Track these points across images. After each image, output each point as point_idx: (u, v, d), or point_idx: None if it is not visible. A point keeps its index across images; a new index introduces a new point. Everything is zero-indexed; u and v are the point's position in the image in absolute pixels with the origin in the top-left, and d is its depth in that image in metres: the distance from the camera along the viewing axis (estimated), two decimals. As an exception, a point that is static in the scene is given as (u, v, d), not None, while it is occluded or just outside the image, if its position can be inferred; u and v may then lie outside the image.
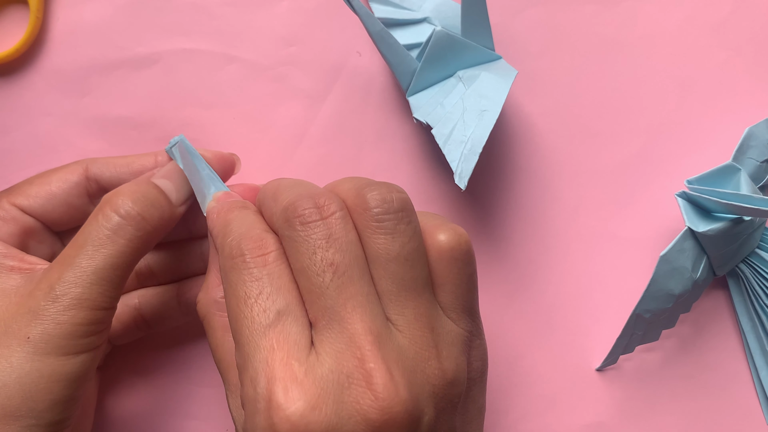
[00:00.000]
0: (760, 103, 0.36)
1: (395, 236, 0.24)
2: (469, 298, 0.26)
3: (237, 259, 0.24)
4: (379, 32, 0.30)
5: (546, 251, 0.36)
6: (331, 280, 0.23)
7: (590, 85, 0.36)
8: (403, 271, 0.24)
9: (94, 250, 0.26)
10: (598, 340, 0.35)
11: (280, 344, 0.23)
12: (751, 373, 0.35)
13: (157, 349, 0.35)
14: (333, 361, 0.23)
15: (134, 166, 0.30)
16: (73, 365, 0.25)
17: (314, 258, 0.23)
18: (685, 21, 0.36)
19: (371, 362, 0.22)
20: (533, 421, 0.35)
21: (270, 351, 0.23)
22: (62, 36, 0.35)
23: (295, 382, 0.22)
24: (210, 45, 0.36)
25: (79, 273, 0.26)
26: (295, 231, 0.24)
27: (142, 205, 0.27)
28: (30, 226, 0.29)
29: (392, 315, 0.24)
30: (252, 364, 0.23)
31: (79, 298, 0.25)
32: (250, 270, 0.24)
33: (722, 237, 0.32)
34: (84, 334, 0.26)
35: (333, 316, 0.23)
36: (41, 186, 0.30)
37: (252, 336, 0.23)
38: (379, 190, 0.25)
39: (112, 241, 0.26)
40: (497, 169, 0.36)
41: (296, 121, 0.36)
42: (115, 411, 0.34)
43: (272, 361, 0.22)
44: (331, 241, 0.24)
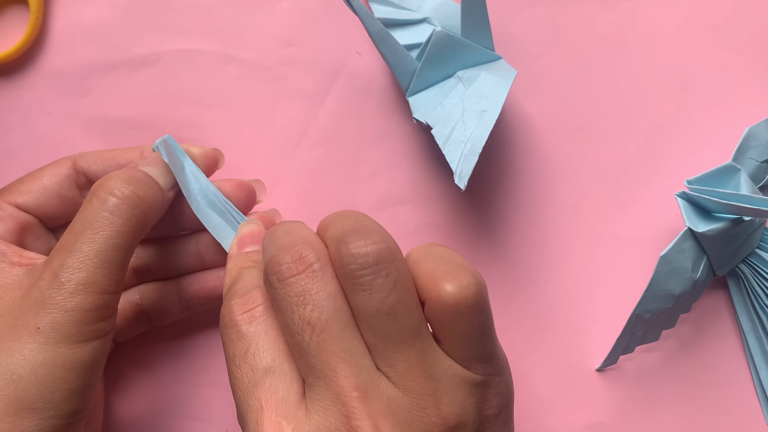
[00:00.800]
0: (760, 103, 0.36)
1: (372, 292, 0.23)
2: (482, 345, 0.25)
3: (226, 317, 0.25)
4: (379, 32, 0.30)
5: (546, 251, 0.36)
6: (311, 338, 0.23)
7: (590, 85, 0.36)
8: (385, 325, 0.23)
9: (94, 233, 0.26)
10: (598, 340, 0.35)
11: (268, 402, 0.23)
12: (751, 373, 0.35)
13: (157, 349, 0.35)
14: (320, 417, 0.23)
15: (120, 159, 0.31)
16: (85, 352, 0.25)
17: (293, 317, 0.23)
18: (685, 21, 0.36)
19: (357, 420, 0.22)
20: (533, 421, 0.35)
21: (259, 410, 0.23)
22: (62, 36, 0.35)
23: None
24: (210, 45, 0.36)
25: (81, 257, 0.25)
26: (274, 288, 0.24)
27: (135, 185, 0.27)
28: (26, 223, 0.30)
29: (383, 368, 0.23)
30: (246, 424, 0.23)
31: (84, 282, 0.25)
32: (239, 327, 0.24)
33: (722, 237, 0.32)
34: (93, 319, 0.25)
35: (317, 374, 0.23)
36: (33, 182, 0.30)
37: (243, 396, 0.24)
38: (355, 243, 0.24)
39: (111, 222, 0.26)
40: (497, 169, 0.36)
41: (296, 121, 0.36)
42: (115, 411, 0.34)
43: (261, 420, 0.23)
44: (308, 297, 0.23)
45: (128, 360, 0.35)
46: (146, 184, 0.28)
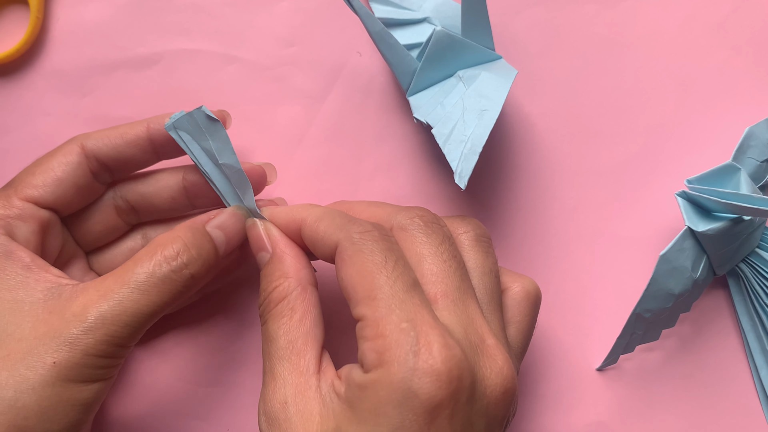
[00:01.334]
0: (760, 103, 0.36)
1: (488, 255, 0.28)
2: (527, 342, 0.30)
3: (370, 233, 0.26)
4: (380, 32, 0.31)
5: (546, 251, 0.36)
6: (457, 268, 0.26)
7: (590, 85, 0.36)
8: (493, 284, 0.28)
9: (140, 294, 0.26)
10: (598, 340, 0.35)
11: (424, 304, 0.25)
12: (751, 372, 0.35)
13: (157, 348, 0.35)
14: (462, 331, 0.25)
15: (128, 136, 0.30)
16: (90, 392, 0.26)
17: (442, 247, 0.26)
18: (685, 21, 0.36)
19: (491, 339, 0.25)
20: (533, 421, 0.35)
21: (419, 306, 0.24)
22: (62, 36, 0.35)
23: (445, 337, 0.24)
24: (210, 45, 0.36)
25: (118, 311, 0.26)
26: (421, 226, 0.27)
27: (197, 265, 0.28)
28: (46, 221, 0.29)
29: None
30: (402, 314, 0.24)
31: (111, 335, 0.26)
32: (385, 241, 0.26)
33: (722, 236, 0.32)
34: (105, 365, 0.26)
35: (458, 295, 0.26)
36: (45, 174, 0.29)
37: (397, 293, 0.24)
38: (473, 220, 0.29)
39: (159, 291, 0.27)
40: (497, 169, 0.36)
41: (296, 121, 0.36)
42: (115, 410, 0.34)
43: (422, 314, 0.24)
44: (450, 241, 0.27)
45: (129, 359, 0.35)
46: (206, 262, 0.28)
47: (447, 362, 0.23)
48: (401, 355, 0.23)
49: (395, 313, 0.24)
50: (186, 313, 0.35)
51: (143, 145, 0.30)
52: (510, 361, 0.25)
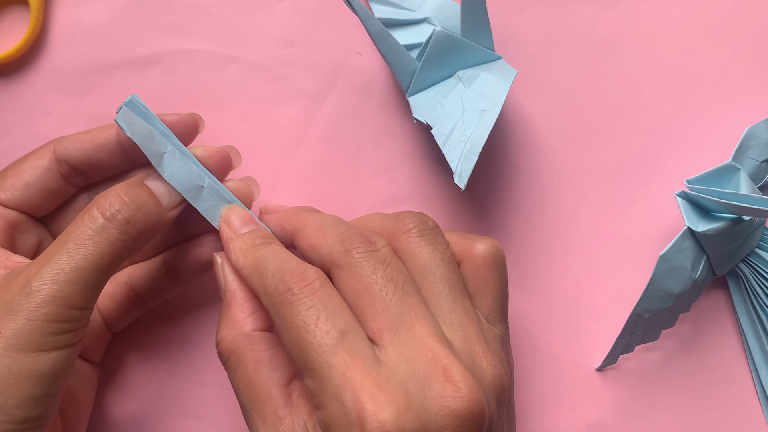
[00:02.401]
0: (760, 103, 0.36)
1: (436, 246, 0.27)
2: (505, 303, 0.29)
3: (284, 294, 0.25)
4: (379, 32, 0.31)
5: (546, 251, 0.36)
6: (393, 293, 0.25)
7: (590, 85, 0.36)
8: (449, 272, 0.27)
9: (75, 248, 0.26)
10: (598, 340, 0.35)
11: (353, 358, 0.24)
12: (751, 373, 0.35)
13: (156, 348, 0.35)
14: (408, 365, 0.24)
15: (98, 140, 0.30)
16: (45, 362, 0.25)
17: (376, 276, 0.26)
18: (685, 21, 0.36)
19: (444, 359, 0.24)
20: (533, 421, 0.35)
21: (346, 366, 0.23)
22: (62, 36, 0.35)
23: (380, 389, 0.23)
24: (210, 45, 0.36)
25: (56, 270, 0.26)
26: (353, 258, 0.26)
27: (129, 210, 0.27)
28: (13, 220, 0.30)
29: (445, 316, 0.26)
30: (331, 382, 0.23)
31: (54, 295, 0.25)
32: (302, 300, 0.25)
33: (722, 237, 0.32)
34: (56, 331, 0.25)
35: (400, 324, 0.25)
36: (16, 177, 0.30)
37: (322, 358, 0.24)
38: (413, 214, 0.28)
39: (94, 241, 0.26)
40: (497, 169, 0.36)
41: (296, 121, 0.36)
42: (114, 410, 0.34)
43: (351, 374, 0.23)
44: (387, 263, 0.26)
45: (127, 359, 0.35)
46: (142, 209, 0.28)
47: (382, 427, 0.22)
48: (340, 427, 0.23)
49: (329, 382, 0.23)
50: (186, 313, 0.35)
51: (112, 149, 0.30)
52: (469, 379, 0.24)
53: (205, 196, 0.30)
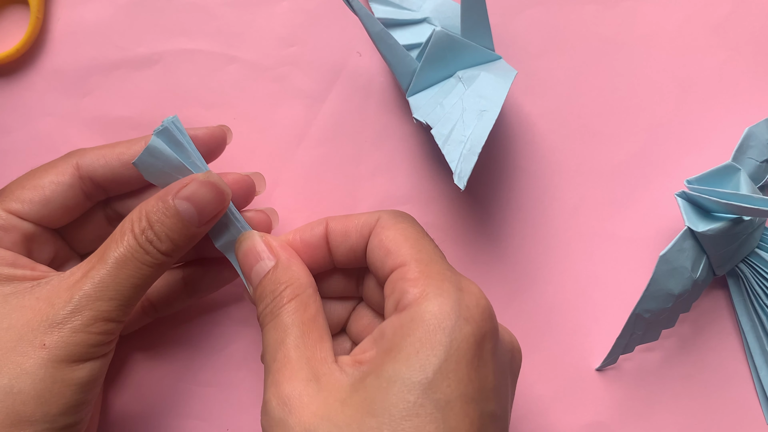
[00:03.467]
0: (760, 103, 0.36)
1: None
2: None
3: (405, 214, 0.28)
4: (379, 33, 0.31)
5: (546, 251, 0.36)
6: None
7: (590, 85, 0.36)
8: None
9: (117, 269, 0.27)
10: (598, 340, 0.35)
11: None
12: (751, 373, 0.35)
13: (157, 348, 0.35)
14: None
15: (125, 157, 0.30)
16: (84, 371, 0.26)
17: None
18: (685, 21, 0.36)
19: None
20: (533, 421, 0.35)
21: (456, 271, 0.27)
22: (63, 36, 0.35)
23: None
24: (210, 45, 0.36)
25: (101, 288, 0.26)
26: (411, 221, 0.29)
27: (167, 246, 0.28)
28: (30, 232, 0.29)
29: None
30: (444, 264, 0.26)
31: (98, 310, 0.26)
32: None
33: (722, 237, 0.32)
34: (96, 342, 0.26)
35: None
36: (35, 191, 0.29)
37: (436, 251, 0.27)
38: None
39: (134, 264, 0.27)
40: (497, 169, 0.36)
41: (296, 121, 0.36)
42: (116, 410, 0.34)
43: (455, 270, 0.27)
44: None
45: (128, 359, 0.35)
46: (175, 230, 0.28)
47: (486, 301, 0.25)
48: (448, 290, 0.24)
49: (438, 264, 0.26)
50: (186, 313, 0.35)
51: None
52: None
53: (225, 230, 0.30)
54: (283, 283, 0.27)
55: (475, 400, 0.23)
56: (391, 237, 0.27)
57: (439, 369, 0.23)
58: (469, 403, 0.23)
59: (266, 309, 0.27)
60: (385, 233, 0.27)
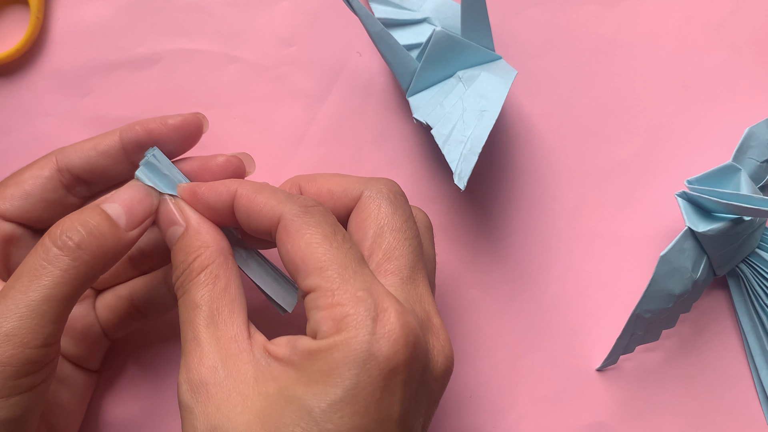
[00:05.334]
0: (760, 103, 0.36)
1: (432, 245, 0.30)
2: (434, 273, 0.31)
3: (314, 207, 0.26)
4: (379, 32, 0.31)
5: (546, 251, 0.36)
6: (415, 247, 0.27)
7: (590, 85, 0.36)
8: (432, 271, 0.30)
9: (29, 281, 0.24)
10: (598, 340, 0.35)
11: (375, 277, 0.25)
12: (751, 373, 0.35)
13: (155, 348, 0.35)
14: (410, 307, 0.25)
15: (101, 147, 0.30)
16: (11, 408, 0.24)
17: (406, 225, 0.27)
18: (685, 21, 0.36)
19: (436, 319, 0.26)
20: (533, 421, 0.35)
21: (372, 277, 0.24)
22: (62, 36, 0.35)
23: (400, 304, 0.24)
24: (210, 45, 0.36)
25: (10, 306, 0.24)
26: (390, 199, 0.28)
27: (79, 235, 0.25)
28: (9, 233, 0.29)
29: None
30: (357, 282, 0.24)
31: (7, 333, 0.23)
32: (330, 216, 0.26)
33: (722, 237, 0.32)
34: (14, 374, 0.24)
35: (411, 274, 0.26)
36: (15, 187, 0.29)
37: (349, 263, 0.24)
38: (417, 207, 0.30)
39: (47, 272, 0.24)
40: (497, 169, 0.36)
41: (296, 121, 0.36)
42: (113, 411, 0.34)
43: (376, 284, 0.24)
44: (413, 220, 0.28)
45: (126, 360, 0.35)
46: (94, 233, 0.26)
47: (404, 328, 0.23)
48: (359, 320, 0.23)
49: (350, 283, 0.24)
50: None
51: (116, 155, 0.30)
52: (450, 343, 0.26)
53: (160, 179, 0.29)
54: (192, 252, 0.26)
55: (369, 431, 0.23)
56: (297, 250, 0.24)
57: (336, 401, 0.22)
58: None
59: (177, 281, 0.26)
60: (290, 244, 0.25)
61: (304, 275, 0.24)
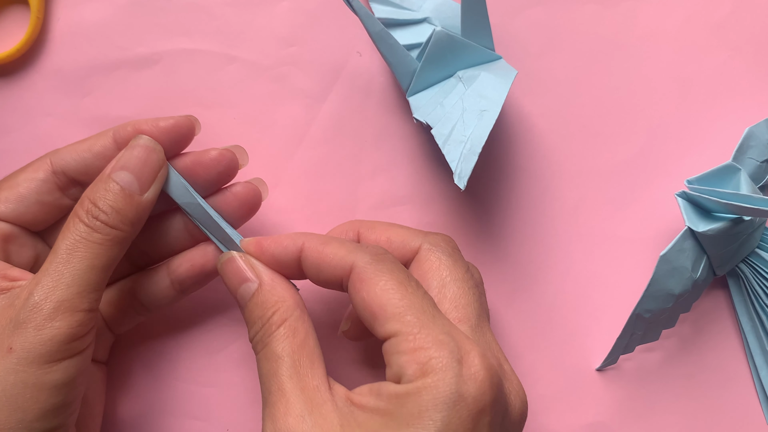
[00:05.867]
0: (760, 103, 0.36)
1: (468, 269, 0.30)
2: None
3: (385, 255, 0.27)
4: (379, 32, 0.31)
5: (546, 251, 0.36)
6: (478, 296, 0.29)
7: (590, 85, 0.36)
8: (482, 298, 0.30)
9: (69, 255, 0.26)
10: (598, 340, 0.35)
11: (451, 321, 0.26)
12: (751, 373, 0.35)
13: (157, 348, 0.35)
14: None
15: (95, 148, 0.30)
16: (58, 372, 0.25)
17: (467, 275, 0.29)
18: (685, 21, 0.36)
19: (506, 365, 0.27)
20: (533, 421, 0.35)
21: (449, 322, 0.25)
22: (63, 36, 0.35)
23: (480, 347, 0.25)
24: (210, 45, 0.36)
25: (56, 277, 0.26)
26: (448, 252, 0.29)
27: (102, 215, 0.27)
28: (7, 233, 0.29)
29: None
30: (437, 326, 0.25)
31: (57, 301, 0.25)
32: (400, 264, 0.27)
33: (722, 237, 0.32)
34: (66, 339, 0.25)
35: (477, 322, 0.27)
36: (10, 189, 0.29)
37: (426, 308, 0.25)
38: (442, 234, 0.30)
39: (84, 245, 0.26)
40: (497, 169, 0.36)
41: (296, 121, 0.36)
42: (115, 411, 0.34)
43: (455, 328, 0.25)
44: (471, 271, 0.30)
45: (128, 359, 0.35)
46: (116, 206, 0.27)
47: (489, 370, 0.24)
48: (445, 363, 0.23)
49: (430, 327, 0.24)
50: (186, 313, 0.35)
51: (111, 156, 0.30)
52: (523, 388, 0.26)
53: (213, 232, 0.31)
54: (270, 307, 0.27)
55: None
56: (373, 296, 0.25)
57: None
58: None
59: (256, 336, 0.27)
60: (366, 290, 0.25)
61: (383, 321, 0.25)
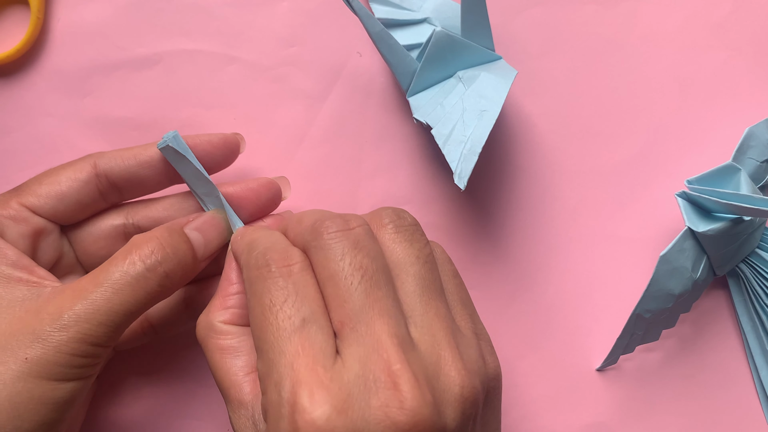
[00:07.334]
0: (760, 103, 0.36)
1: (413, 242, 0.26)
2: (467, 298, 0.28)
3: (263, 269, 0.25)
4: (379, 33, 0.31)
5: (546, 251, 0.36)
6: (359, 283, 0.24)
7: (590, 85, 0.36)
8: (424, 271, 0.26)
9: (113, 293, 0.26)
10: (598, 340, 0.35)
11: (305, 350, 0.23)
12: (751, 373, 0.35)
13: (157, 349, 0.35)
14: (359, 366, 0.23)
15: (142, 157, 0.30)
16: (63, 391, 0.26)
17: (343, 262, 0.24)
18: (685, 21, 0.36)
19: (397, 364, 0.23)
20: (533, 421, 0.35)
21: (295, 356, 0.23)
22: (63, 36, 0.35)
23: (321, 387, 0.22)
24: (210, 45, 0.36)
25: (91, 310, 0.26)
26: (323, 240, 0.25)
27: (171, 264, 0.27)
28: (41, 227, 0.29)
29: (417, 317, 0.25)
30: (276, 369, 0.23)
31: (85, 333, 0.26)
32: (275, 279, 0.25)
33: (722, 237, 0.32)
34: (79, 364, 0.26)
35: (360, 318, 0.23)
36: (51, 186, 0.30)
37: (277, 342, 0.23)
38: (390, 209, 0.27)
39: (132, 290, 0.27)
40: (497, 169, 0.36)
41: (297, 121, 0.36)
42: (115, 411, 0.34)
43: (298, 365, 0.23)
44: (359, 247, 0.25)
45: (128, 359, 0.35)
46: (181, 263, 0.28)
47: (312, 425, 0.22)
48: (274, 418, 0.23)
49: (274, 368, 0.23)
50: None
51: (157, 166, 0.30)
52: (418, 391, 0.22)
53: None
54: None
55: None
56: (251, 324, 0.25)
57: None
58: None
59: None
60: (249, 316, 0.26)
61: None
